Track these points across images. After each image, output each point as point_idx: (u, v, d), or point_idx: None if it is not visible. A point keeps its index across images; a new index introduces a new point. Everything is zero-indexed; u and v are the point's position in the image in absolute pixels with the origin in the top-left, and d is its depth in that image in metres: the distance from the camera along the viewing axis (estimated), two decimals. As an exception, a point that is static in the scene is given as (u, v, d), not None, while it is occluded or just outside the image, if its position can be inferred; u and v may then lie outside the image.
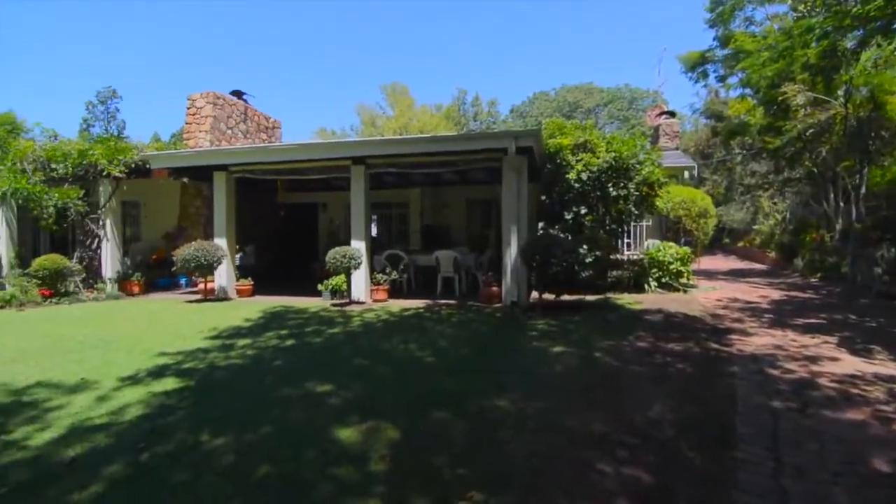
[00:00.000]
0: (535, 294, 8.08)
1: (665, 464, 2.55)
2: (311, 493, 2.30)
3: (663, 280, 9.39)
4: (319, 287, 8.68)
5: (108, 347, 5.29)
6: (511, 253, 7.68)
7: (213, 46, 70.93)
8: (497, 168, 8.22)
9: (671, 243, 9.77)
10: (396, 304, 8.06)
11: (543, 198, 9.00)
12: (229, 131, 12.87)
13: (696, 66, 16.70)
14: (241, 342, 5.40)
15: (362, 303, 8.34)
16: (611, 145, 8.74)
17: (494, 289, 8.03)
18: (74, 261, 9.56)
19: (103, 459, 2.67)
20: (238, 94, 13.62)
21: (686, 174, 12.44)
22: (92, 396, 3.67)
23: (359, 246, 8.46)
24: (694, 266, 10.39)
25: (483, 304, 7.96)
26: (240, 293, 9.48)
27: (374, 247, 10.29)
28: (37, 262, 8.93)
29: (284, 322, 6.59)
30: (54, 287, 8.93)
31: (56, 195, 9.29)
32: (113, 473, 2.52)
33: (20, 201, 9.61)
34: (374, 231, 14.13)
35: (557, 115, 42.45)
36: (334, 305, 8.07)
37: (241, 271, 10.22)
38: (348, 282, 8.41)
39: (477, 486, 2.31)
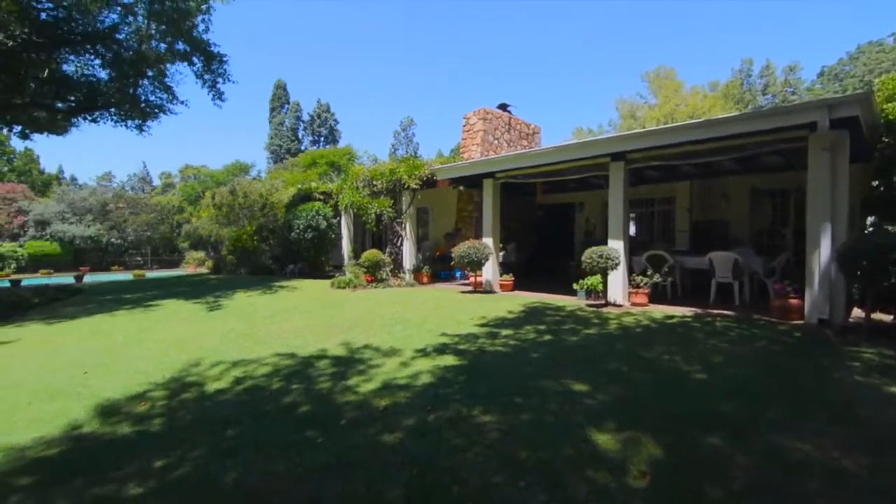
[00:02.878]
0: (857, 311, 6.11)
1: None
2: (567, 489, 2.37)
3: None
4: (574, 286, 8.72)
5: (406, 324, 6.64)
6: (821, 256, 6.02)
7: (483, 64, 79.65)
8: (798, 149, 6.56)
9: None
10: (658, 310, 7.39)
11: (876, 183, 6.70)
12: (495, 142, 14.26)
13: None
14: (505, 332, 5.94)
15: (619, 305, 7.97)
16: None
17: (793, 301, 6.44)
18: (386, 255, 12.32)
19: (403, 413, 3.39)
20: (503, 106, 14.93)
21: None
22: (397, 362, 4.70)
23: (616, 246, 8.11)
24: None
25: (775, 318, 6.50)
26: (502, 287, 10.40)
27: (633, 247, 9.68)
28: (364, 256, 11.91)
29: (542, 317, 6.91)
30: (374, 275, 11.73)
31: (376, 204, 12.17)
32: (409, 426, 3.17)
33: (355, 210, 13.00)
34: (632, 230, 13.28)
35: (905, 68, 30.81)
36: (589, 305, 7.98)
37: (503, 268, 11.18)
38: (604, 283, 8.17)
39: (763, 536, 1.94)
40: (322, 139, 50.22)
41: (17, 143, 39.32)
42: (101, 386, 4.31)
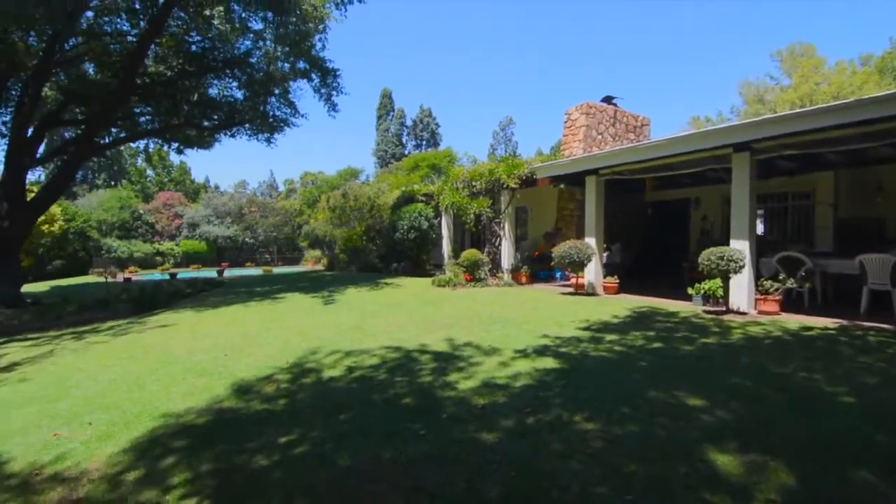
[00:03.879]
0: None
1: None
2: (680, 507, 2.20)
3: None
4: (689, 290, 8.00)
5: (505, 324, 6.63)
6: None
7: (586, 57, 76.45)
8: None
9: None
10: (792, 320, 6.49)
11: None
12: (599, 136, 13.61)
13: None
14: (609, 337, 5.65)
15: (743, 313, 7.15)
16: None
17: (981, 315, 5.26)
18: (484, 254, 12.42)
19: (502, 413, 3.39)
20: (608, 99, 14.21)
21: None
22: (496, 361, 4.72)
23: (740, 246, 7.28)
24: None
25: (954, 335, 5.36)
26: (606, 290, 9.90)
27: (762, 247, 8.61)
28: (463, 255, 12.14)
29: (651, 323, 6.45)
30: (472, 274, 11.90)
31: (475, 205, 12.33)
32: (508, 426, 3.16)
33: (454, 210, 13.29)
34: (760, 228, 11.81)
35: None
36: (707, 312, 7.27)
37: (607, 269, 10.64)
38: (725, 287, 7.38)
39: None
40: (424, 143, 52.03)
41: (174, 158, 46.49)
42: (237, 367, 4.94)
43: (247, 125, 14.50)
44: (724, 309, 7.37)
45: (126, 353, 5.91)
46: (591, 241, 9.95)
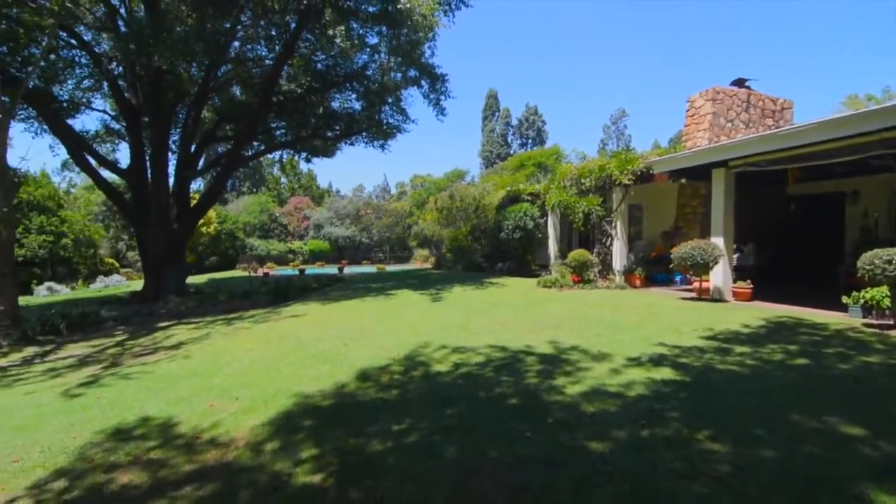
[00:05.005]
0: None
1: None
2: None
3: None
4: (844, 299, 6.82)
5: (616, 328, 6.28)
6: None
7: (711, 38, 68.91)
8: None
9: None
10: None
11: None
12: (728, 124, 12.20)
13: None
14: (739, 349, 5.06)
15: (921, 328, 5.91)
16: None
17: None
18: (594, 255, 11.87)
19: (613, 423, 3.23)
20: (740, 82, 12.66)
21: None
22: (606, 367, 4.50)
23: (918, 248, 6.02)
24: None
25: None
26: (736, 296, 8.86)
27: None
28: (571, 255, 11.73)
29: (793, 336, 5.64)
30: (581, 275, 11.45)
31: (584, 203, 11.85)
32: (620, 437, 3.00)
33: (562, 210, 12.91)
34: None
35: None
36: (867, 326, 6.14)
37: (738, 272, 9.52)
38: (894, 297, 6.15)
39: None
40: (530, 141, 51.30)
41: (303, 166, 51.74)
42: (356, 356, 5.37)
43: (363, 133, 15.63)
44: (891, 323, 6.16)
45: (264, 339, 6.74)
46: (718, 240, 8.97)
